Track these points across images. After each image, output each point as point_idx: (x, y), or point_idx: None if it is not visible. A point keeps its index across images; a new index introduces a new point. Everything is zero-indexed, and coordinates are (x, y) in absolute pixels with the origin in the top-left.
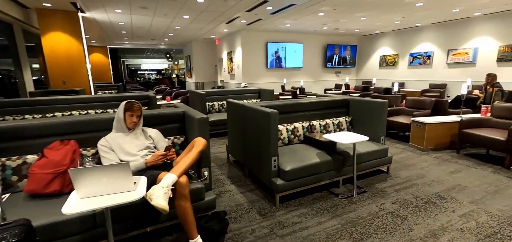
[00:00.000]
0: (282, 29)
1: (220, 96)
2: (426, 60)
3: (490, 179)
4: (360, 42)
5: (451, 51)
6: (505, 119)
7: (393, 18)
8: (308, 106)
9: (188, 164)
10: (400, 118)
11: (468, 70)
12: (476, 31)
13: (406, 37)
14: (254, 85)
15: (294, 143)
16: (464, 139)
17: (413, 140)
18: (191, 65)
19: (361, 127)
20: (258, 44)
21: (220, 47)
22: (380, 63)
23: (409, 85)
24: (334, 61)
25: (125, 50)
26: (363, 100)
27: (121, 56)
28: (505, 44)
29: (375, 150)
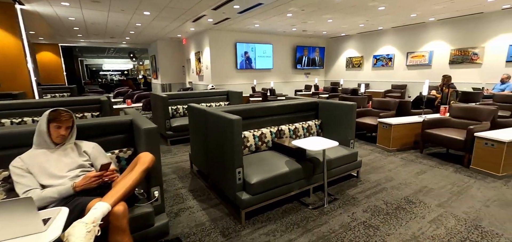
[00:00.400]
0: (251, 29)
1: (184, 99)
2: (388, 62)
3: (452, 179)
4: (327, 44)
5: (409, 53)
6: (462, 119)
7: (358, 21)
8: (277, 110)
9: (127, 188)
10: (367, 119)
11: (425, 72)
12: (431, 35)
13: (370, 40)
14: (224, 86)
15: (262, 150)
16: (427, 139)
17: (380, 141)
18: (157, 66)
19: (331, 131)
20: (227, 44)
21: (187, 47)
22: (346, 64)
23: (373, 86)
24: (303, 63)
25: (82, 48)
26: (332, 103)
27: (78, 55)
28: (456, 47)
29: (345, 154)
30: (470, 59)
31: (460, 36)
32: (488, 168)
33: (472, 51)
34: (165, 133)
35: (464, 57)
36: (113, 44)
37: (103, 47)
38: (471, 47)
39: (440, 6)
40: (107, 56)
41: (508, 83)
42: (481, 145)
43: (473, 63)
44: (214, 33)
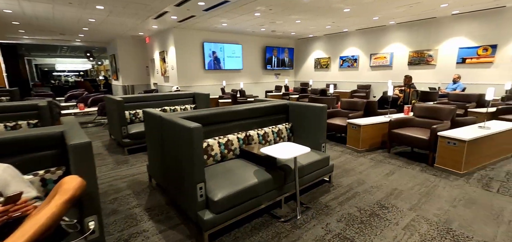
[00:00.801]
0: (219, 28)
1: (145, 102)
2: (353, 63)
3: (419, 179)
4: (296, 45)
5: (373, 55)
6: (425, 118)
7: (324, 22)
8: (244, 114)
9: (39, 228)
10: (337, 120)
11: (387, 73)
12: (392, 38)
13: (336, 41)
14: (192, 88)
15: (228, 159)
16: (394, 139)
17: (350, 141)
18: (117, 66)
19: (302, 134)
20: (194, 44)
21: (151, 46)
22: (315, 65)
23: (340, 86)
24: (273, 63)
25: (30, 46)
26: (303, 105)
27: (25, 54)
28: (413, 50)
29: (318, 160)
30: (426, 61)
31: (417, 39)
32: (451, 166)
33: (428, 53)
34: (122, 141)
35: (420, 58)
36: (65, 42)
37: (55, 45)
38: (427, 49)
39: (400, 10)
40: (61, 55)
41: (459, 82)
42: (444, 144)
43: (428, 65)
44: (179, 32)
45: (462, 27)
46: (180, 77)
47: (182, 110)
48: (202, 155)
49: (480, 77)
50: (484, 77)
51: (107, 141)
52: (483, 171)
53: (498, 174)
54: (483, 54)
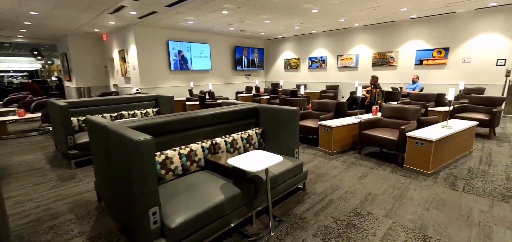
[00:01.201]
0: (184, 26)
1: (97, 107)
2: (322, 64)
3: (391, 180)
4: (266, 45)
5: (339, 56)
6: (393, 118)
7: (293, 23)
8: (209, 120)
9: None
10: (308, 122)
11: (353, 73)
12: (357, 40)
13: (305, 42)
14: (156, 90)
15: (191, 172)
16: (364, 140)
17: (322, 144)
18: (70, 66)
19: (274, 140)
20: (158, 42)
21: (109, 44)
22: (285, 66)
23: (310, 86)
24: (243, 64)
25: None
26: (274, 108)
27: None
28: (376, 51)
29: (291, 167)
30: (388, 62)
31: (380, 41)
32: (419, 166)
33: (389, 55)
34: (68, 152)
35: (383, 60)
36: (5, 38)
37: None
38: (388, 51)
39: (364, 13)
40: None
41: (417, 83)
42: (412, 145)
43: (390, 66)
44: (140, 29)
45: (419, 30)
46: (143, 78)
47: (143, 114)
48: (156, 173)
49: (436, 78)
50: (439, 77)
51: (51, 153)
52: (448, 169)
53: (461, 172)
54: (437, 56)
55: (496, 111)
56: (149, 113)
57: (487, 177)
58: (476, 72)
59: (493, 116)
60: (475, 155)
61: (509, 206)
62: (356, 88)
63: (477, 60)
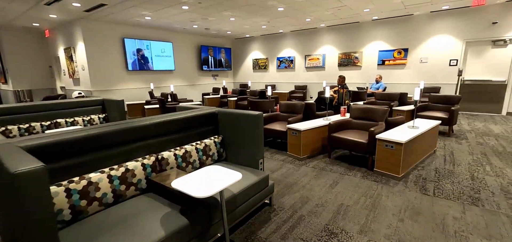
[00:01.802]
0: (142, 22)
1: (24, 115)
2: (290, 64)
3: (362, 187)
4: (233, 45)
5: (307, 56)
6: (361, 120)
7: (259, 21)
8: (153, 130)
9: None
10: (276, 125)
11: (320, 73)
12: (323, 40)
13: (273, 42)
14: (111, 92)
15: (127, 198)
16: (334, 143)
17: (291, 149)
18: (4, 66)
19: (235, 150)
20: (111, 40)
21: (53, 41)
22: (253, 66)
23: (279, 87)
24: (210, 64)
25: None
26: (235, 113)
27: None
28: (342, 51)
29: (255, 182)
30: (353, 62)
31: (345, 41)
32: (389, 170)
33: (354, 55)
34: None
35: (348, 60)
36: None
37: None
38: (353, 51)
39: (329, 12)
40: None
41: (380, 82)
42: (381, 147)
43: (355, 66)
44: (89, 24)
45: (381, 32)
46: (94, 79)
47: (86, 122)
48: (53, 217)
49: (397, 77)
50: (399, 77)
51: None
52: (416, 171)
53: (429, 174)
54: (398, 57)
55: (454, 109)
56: (94, 120)
57: (454, 178)
58: (432, 71)
59: (452, 114)
60: (439, 154)
61: (479, 210)
62: (324, 88)
63: (433, 61)
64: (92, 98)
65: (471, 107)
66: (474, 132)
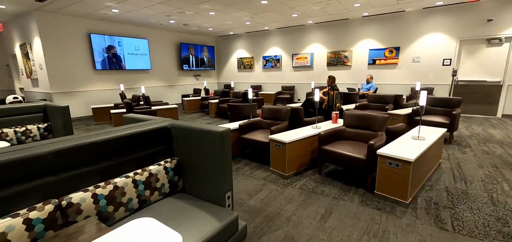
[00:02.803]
0: (110, 16)
1: None
2: (277, 64)
3: (363, 219)
4: (217, 43)
5: (294, 55)
6: (357, 128)
7: (242, 16)
8: (53, 161)
9: None
10: (258, 135)
11: (308, 73)
12: (311, 38)
13: (258, 40)
14: (75, 94)
15: None
16: (325, 157)
17: (274, 164)
18: None
19: (196, 177)
20: (74, 35)
21: (9, 36)
22: (238, 65)
23: (265, 87)
24: (191, 63)
25: None
26: (194, 129)
27: None
28: (331, 50)
29: (216, 232)
30: (343, 62)
31: (334, 40)
32: (394, 194)
33: (344, 54)
34: None
35: (337, 59)
36: None
37: None
38: (343, 50)
39: (317, 7)
40: None
41: (371, 83)
42: (384, 166)
43: (345, 65)
44: (45, 17)
45: (371, 29)
46: (54, 79)
47: (20, 134)
48: None
49: (388, 77)
50: (391, 77)
51: None
52: (424, 193)
53: (440, 196)
54: (389, 56)
55: (456, 113)
56: (32, 131)
57: (471, 202)
58: (424, 71)
59: (454, 119)
60: (445, 168)
61: None
62: (312, 89)
63: (426, 60)
64: (31, 104)
65: (466, 109)
66: (475, 138)
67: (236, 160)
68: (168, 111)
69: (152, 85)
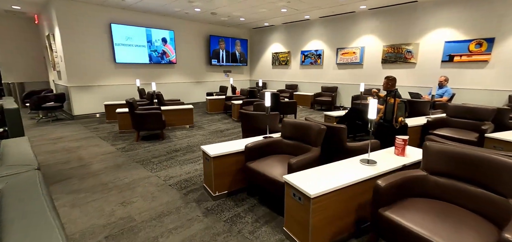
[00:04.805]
0: (130, 5)
1: None
2: (317, 60)
3: None
4: (250, 36)
5: (340, 50)
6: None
7: (276, 2)
8: None
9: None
10: (272, 165)
11: (356, 72)
12: (363, 28)
13: (296, 32)
14: (91, 89)
15: None
16: (387, 231)
17: (291, 226)
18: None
19: None
20: (93, 25)
21: (42, 28)
22: (273, 61)
23: (302, 87)
24: (221, 58)
25: None
26: None
27: None
28: (389, 44)
29: None
30: (404, 58)
31: (393, 30)
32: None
33: (406, 48)
34: None
35: (397, 55)
36: None
37: None
38: (405, 43)
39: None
40: None
41: (446, 87)
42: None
43: (407, 63)
44: (64, 5)
45: (449, 14)
46: (71, 72)
47: None
48: None
49: (472, 80)
50: (477, 80)
51: None
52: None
53: None
54: (476, 51)
55: None
56: None
57: None
58: None
59: None
60: None
61: None
62: (361, 93)
63: None
64: None
65: None
66: None
67: (238, 198)
68: (180, 113)
69: (176, 80)
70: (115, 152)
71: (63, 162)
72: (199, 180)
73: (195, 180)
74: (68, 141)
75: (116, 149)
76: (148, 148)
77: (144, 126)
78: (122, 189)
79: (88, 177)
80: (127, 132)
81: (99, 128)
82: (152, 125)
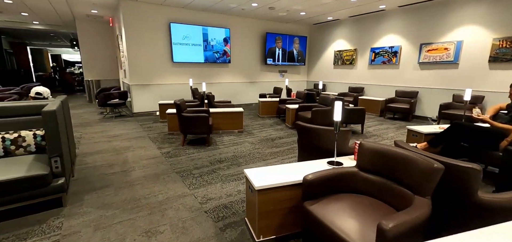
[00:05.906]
0: (188, 3)
1: None
2: (392, 58)
3: None
4: (310, 32)
5: (424, 45)
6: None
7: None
8: None
9: None
10: (338, 217)
11: (446, 74)
12: (460, 17)
13: (367, 25)
14: (153, 87)
15: None
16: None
17: None
18: (82, 56)
19: None
20: (155, 24)
21: (115, 30)
22: (334, 60)
23: (368, 91)
24: (276, 57)
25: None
26: None
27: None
28: (501, 36)
29: None
30: None
31: (508, 16)
32: None
33: None
34: None
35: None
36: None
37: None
38: None
39: None
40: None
41: None
42: None
43: None
44: (129, 5)
45: None
46: (134, 71)
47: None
48: None
49: None
50: None
51: None
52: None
53: None
54: None
55: None
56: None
57: None
58: None
59: None
60: None
61: None
62: (465, 102)
63: None
64: (27, 103)
65: None
66: None
67: None
68: (230, 116)
69: (229, 80)
70: (159, 157)
71: (109, 165)
72: (241, 208)
73: (236, 207)
74: (121, 140)
75: (160, 153)
76: (191, 155)
77: (190, 130)
78: (152, 209)
79: (125, 187)
80: (175, 134)
81: (152, 127)
82: (198, 129)
